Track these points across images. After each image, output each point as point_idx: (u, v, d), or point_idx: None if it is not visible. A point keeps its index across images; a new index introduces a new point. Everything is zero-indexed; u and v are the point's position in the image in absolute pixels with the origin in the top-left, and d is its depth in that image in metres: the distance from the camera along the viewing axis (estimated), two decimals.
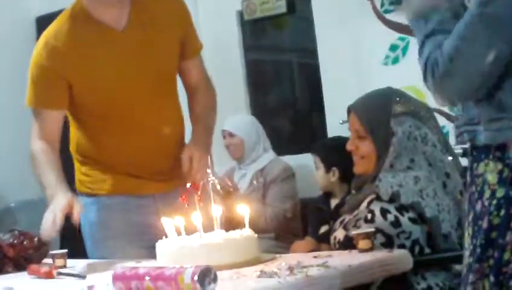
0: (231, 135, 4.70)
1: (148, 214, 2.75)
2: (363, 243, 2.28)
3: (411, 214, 2.50)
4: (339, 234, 2.58)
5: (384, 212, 2.50)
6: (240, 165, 4.70)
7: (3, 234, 2.78)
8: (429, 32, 1.83)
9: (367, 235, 2.30)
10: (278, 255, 2.37)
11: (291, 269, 2.04)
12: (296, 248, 2.78)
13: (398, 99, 2.65)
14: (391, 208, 2.50)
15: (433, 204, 2.52)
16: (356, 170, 2.74)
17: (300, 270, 2.03)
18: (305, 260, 2.19)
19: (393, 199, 2.51)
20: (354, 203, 2.66)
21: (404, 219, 2.49)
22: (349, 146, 2.75)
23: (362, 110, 2.69)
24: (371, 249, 2.27)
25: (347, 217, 2.64)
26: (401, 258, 2.26)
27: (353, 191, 2.79)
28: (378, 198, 2.54)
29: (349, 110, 2.75)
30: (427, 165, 2.58)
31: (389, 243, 2.45)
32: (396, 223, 2.48)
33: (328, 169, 4.29)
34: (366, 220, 2.50)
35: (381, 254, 2.25)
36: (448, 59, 1.77)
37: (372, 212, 2.51)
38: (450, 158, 2.63)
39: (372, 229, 2.36)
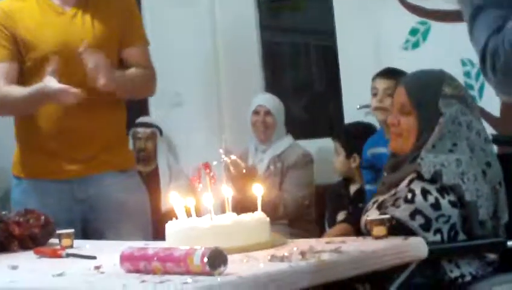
0: (268, 113, 4.60)
1: (64, 199, 3.03)
2: (377, 230, 2.23)
3: (451, 197, 2.46)
4: (372, 214, 2.51)
5: (425, 192, 2.45)
6: (261, 146, 4.61)
7: (10, 212, 2.76)
8: (479, 4, 1.75)
9: (381, 222, 2.25)
10: (289, 240, 2.32)
11: (303, 253, 2.00)
12: (331, 232, 2.78)
13: (450, 81, 2.62)
14: (432, 188, 2.46)
15: (473, 189, 2.47)
16: (392, 146, 2.68)
17: (312, 255, 1.99)
18: (318, 245, 2.15)
19: (435, 178, 2.46)
20: (392, 182, 2.60)
21: (444, 202, 2.45)
22: (390, 120, 2.68)
23: (412, 85, 2.65)
24: (386, 236, 2.23)
25: (381, 198, 2.58)
26: (415, 246, 2.21)
27: (385, 173, 2.73)
28: (420, 177, 2.48)
29: (398, 84, 2.72)
30: (469, 151, 2.54)
31: (427, 226, 2.42)
32: (436, 206, 2.43)
33: (348, 155, 4.26)
34: (406, 200, 2.45)
35: (395, 241, 2.21)
36: (510, 48, 1.69)
37: (412, 191, 2.46)
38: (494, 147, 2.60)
39: (387, 216, 2.31)
